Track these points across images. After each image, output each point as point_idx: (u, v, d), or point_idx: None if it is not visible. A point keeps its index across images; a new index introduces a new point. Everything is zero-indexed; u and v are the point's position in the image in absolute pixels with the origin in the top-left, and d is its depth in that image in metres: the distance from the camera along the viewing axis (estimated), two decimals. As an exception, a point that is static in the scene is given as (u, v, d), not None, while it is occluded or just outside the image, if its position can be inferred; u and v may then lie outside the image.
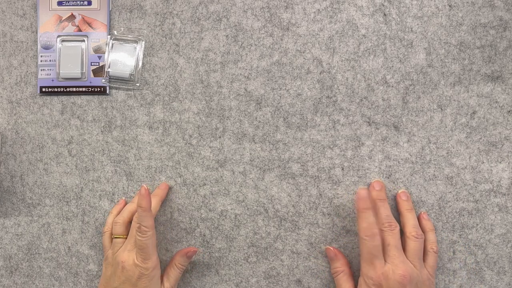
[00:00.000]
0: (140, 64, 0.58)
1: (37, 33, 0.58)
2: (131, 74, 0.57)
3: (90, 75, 0.58)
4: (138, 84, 0.58)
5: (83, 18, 0.58)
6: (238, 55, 0.57)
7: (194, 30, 0.57)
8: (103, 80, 0.58)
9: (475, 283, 0.55)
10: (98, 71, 0.58)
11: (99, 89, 0.58)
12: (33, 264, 0.59)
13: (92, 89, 0.58)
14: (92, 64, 0.58)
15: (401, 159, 0.56)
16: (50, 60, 0.58)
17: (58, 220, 0.58)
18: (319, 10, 0.56)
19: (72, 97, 0.58)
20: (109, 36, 0.58)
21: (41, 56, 0.58)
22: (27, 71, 0.58)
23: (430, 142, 0.55)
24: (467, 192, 0.55)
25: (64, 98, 0.58)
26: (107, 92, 0.58)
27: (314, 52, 0.56)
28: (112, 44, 0.58)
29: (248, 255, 0.57)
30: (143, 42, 0.58)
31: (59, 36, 0.58)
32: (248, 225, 0.57)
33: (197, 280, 0.57)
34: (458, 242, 0.55)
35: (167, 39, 0.58)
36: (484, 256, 0.55)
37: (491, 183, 0.55)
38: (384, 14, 0.56)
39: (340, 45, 0.56)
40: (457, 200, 0.55)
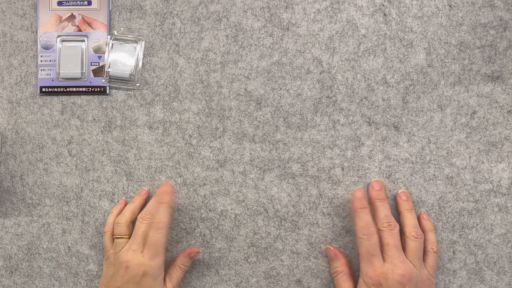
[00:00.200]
0: (140, 64, 0.58)
1: (37, 33, 0.58)
2: (131, 74, 0.57)
3: (90, 75, 0.58)
4: (138, 84, 0.58)
5: (83, 18, 0.58)
6: (238, 55, 0.57)
7: (194, 30, 0.57)
8: (103, 80, 0.58)
9: (475, 283, 0.55)
10: (98, 71, 0.58)
11: (99, 89, 0.58)
12: (33, 264, 0.59)
13: (92, 89, 0.58)
14: (92, 64, 0.58)
15: (401, 159, 0.56)
16: (50, 60, 0.58)
17: (58, 220, 0.58)
18: (319, 10, 0.56)
19: (72, 97, 0.58)
20: (109, 36, 0.58)
21: (41, 56, 0.58)
22: (27, 71, 0.58)
23: (430, 142, 0.55)
24: (467, 192, 0.55)
25: (64, 98, 0.58)
26: (107, 92, 0.58)
27: (314, 52, 0.56)
28: (112, 44, 0.58)
29: (248, 255, 0.57)
30: (143, 42, 0.58)
31: (59, 36, 0.58)
32: (248, 225, 0.57)
33: (197, 280, 0.57)
34: (458, 242, 0.55)
35: (167, 39, 0.58)
36: (484, 256, 0.55)
37: (491, 183, 0.55)
38: (384, 14, 0.56)
39: (340, 45, 0.56)
40: (457, 200, 0.55)
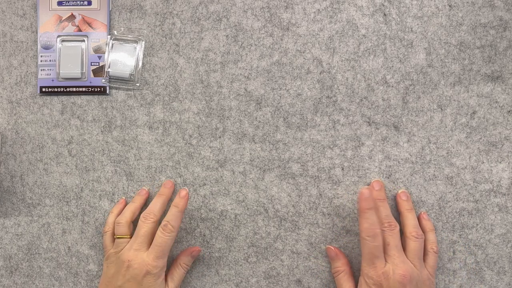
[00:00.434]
0: (140, 64, 0.58)
1: (37, 33, 0.58)
2: (131, 74, 0.57)
3: (90, 75, 0.58)
4: (138, 84, 0.58)
5: (83, 18, 0.58)
6: (238, 55, 0.57)
7: (194, 30, 0.57)
8: (103, 80, 0.58)
9: (475, 283, 0.55)
10: (98, 71, 0.58)
11: (99, 89, 0.58)
12: (33, 264, 0.59)
13: (92, 89, 0.58)
14: (92, 64, 0.58)
15: (401, 159, 0.56)
16: (50, 60, 0.58)
17: (58, 220, 0.58)
18: (319, 10, 0.56)
19: (72, 97, 0.58)
20: (109, 36, 0.58)
21: (41, 56, 0.58)
22: (27, 71, 0.58)
23: (430, 142, 0.55)
24: (467, 192, 0.55)
25: (64, 98, 0.58)
26: (107, 92, 0.58)
27: (314, 52, 0.56)
28: (112, 44, 0.58)
29: (248, 255, 0.57)
30: (143, 42, 0.58)
31: (59, 36, 0.58)
32: (248, 225, 0.57)
33: (197, 280, 0.57)
34: (458, 242, 0.55)
35: (167, 39, 0.58)
36: (484, 256, 0.55)
37: (491, 183, 0.55)
38: (384, 14, 0.56)
39: (340, 45, 0.56)
40: (457, 200, 0.55)
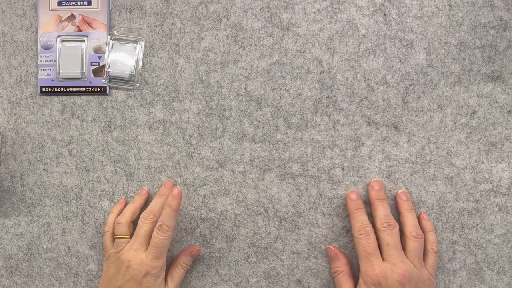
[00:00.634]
0: (140, 64, 0.58)
1: (37, 33, 0.58)
2: (131, 74, 0.57)
3: (90, 75, 0.58)
4: (138, 84, 0.58)
5: (83, 18, 0.58)
6: (238, 55, 0.57)
7: (194, 30, 0.57)
8: (103, 80, 0.58)
9: (475, 283, 0.55)
10: (98, 71, 0.58)
11: (99, 89, 0.58)
12: (33, 264, 0.59)
13: (92, 89, 0.58)
14: (92, 64, 0.58)
15: (401, 159, 0.56)
16: (50, 60, 0.58)
17: (58, 220, 0.58)
18: (319, 10, 0.56)
19: (72, 97, 0.58)
20: (109, 36, 0.58)
21: (41, 56, 0.58)
22: (27, 71, 0.58)
23: (430, 142, 0.55)
24: (467, 192, 0.55)
25: (64, 98, 0.58)
26: (107, 92, 0.58)
27: (314, 52, 0.56)
28: (112, 44, 0.58)
29: (248, 255, 0.57)
30: (143, 42, 0.58)
31: (59, 36, 0.58)
32: (248, 225, 0.57)
33: (197, 280, 0.57)
34: (458, 242, 0.55)
35: (167, 39, 0.58)
36: (484, 256, 0.55)
37: (491, 183, 0.55)
38: (384, 14, 0.56)
39: (340, 45, 0.56)
40: (457, 200, 0.55)
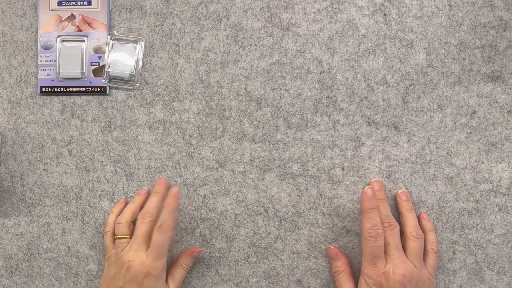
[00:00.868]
0: (140, 64, 0.58)
1: (37, 33, 0.58)
2: (131, 74, 0.57)
3: (90, 75, 0.58)
4: (138, 84, 0.58)
5: (83, 18, 0.58)
6: (238, 55, 0.57)
7: (194, 30, 0.57)
8: (103, 80, 0.58)
9: (475, 283, 0.55)
10: (98, 71, 0.58)
11: (99, 89, 0.58)
12: (33, 264, 0.59)
13: (92, 89, 0.58)
14: (92, 64, 0.58)
15: (401, 159, 0.56)
16: (50, 60, 0.58)
17: (58, 220, 0.58)
18: (319, 10, 0.56)
19: (72, 97, 0.58)
20: (109, 36, 0.58)
21: (41, 56, 0.58)
22: (27, 71, 0.58)
23: (430, 142, 0.55)
24: (467, 192, 0.55)
25: (64, 98, 0.58)
26: (107, 92, 0.58)
27: (314, 52, 0.56)
28: (112, 44, 0.58)
29: (248, 255, 0.57)
30: (143, 42, 0.58)
31: (59, 36, 0.58)
32: (248, 225, 0.57)
33: (197, 280, 0.57)
34: (458, 242, 0.55)
35: (167, 39, 0.58)
36: (484, 256, 0.55)
37: (491, 183, 0.55)
38: (384, 14, 0.56)
39: (340, 45, 0.56)
40: (457, 200, 0.55)
